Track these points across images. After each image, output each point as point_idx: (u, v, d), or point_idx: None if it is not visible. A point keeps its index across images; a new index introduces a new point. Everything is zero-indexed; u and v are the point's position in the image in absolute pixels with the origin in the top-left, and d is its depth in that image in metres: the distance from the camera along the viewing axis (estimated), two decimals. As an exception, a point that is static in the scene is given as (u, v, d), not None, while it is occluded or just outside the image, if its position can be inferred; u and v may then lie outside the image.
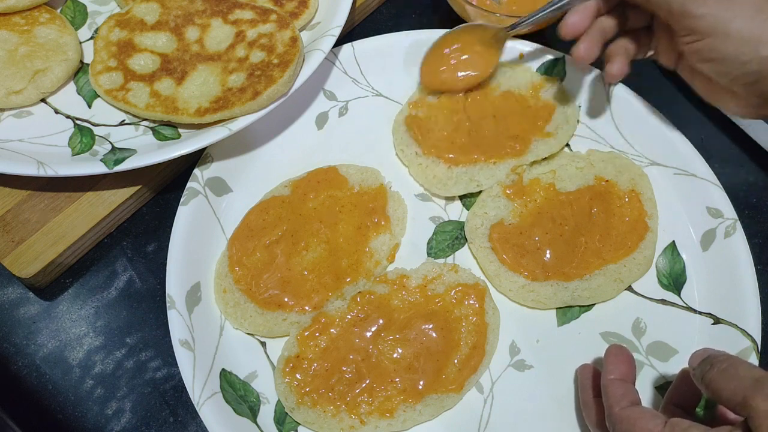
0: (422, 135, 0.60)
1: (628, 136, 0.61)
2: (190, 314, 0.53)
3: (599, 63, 0.64)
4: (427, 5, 0.73)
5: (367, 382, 0.50)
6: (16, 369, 0.54)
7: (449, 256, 0.57)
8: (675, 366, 0.51)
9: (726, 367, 0.38)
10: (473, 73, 0.62)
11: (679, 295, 0.54)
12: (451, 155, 0.59)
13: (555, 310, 0.54)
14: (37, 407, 0.52)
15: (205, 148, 0.59)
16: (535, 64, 0.64)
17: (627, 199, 0.57)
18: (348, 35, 0.70)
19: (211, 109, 0.57)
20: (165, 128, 0.59)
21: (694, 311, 0.54)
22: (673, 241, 0.57)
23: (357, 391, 0.50)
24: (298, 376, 0.50)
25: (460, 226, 0.58)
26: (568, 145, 0.62)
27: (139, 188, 0.59)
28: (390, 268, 0.56)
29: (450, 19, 0.72)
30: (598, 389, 0.47)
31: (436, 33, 0.66)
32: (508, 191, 0.58)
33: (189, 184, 0.58)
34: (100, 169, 0.54)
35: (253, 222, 0.56)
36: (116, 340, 0.55)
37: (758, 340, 0.51)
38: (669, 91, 0.67)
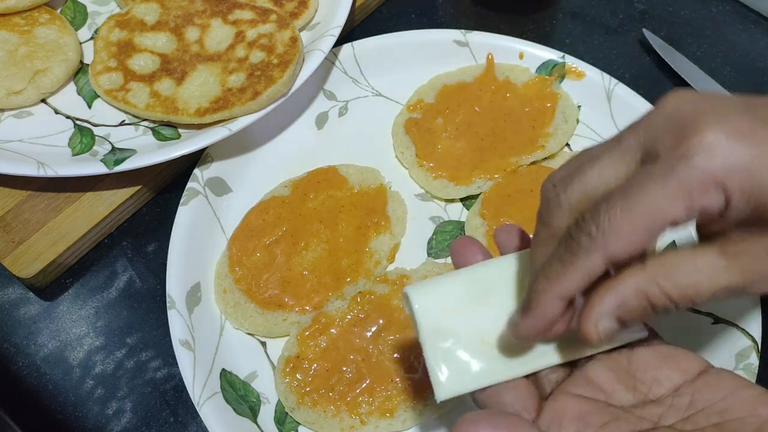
0: (421, 140, 0.60)
1: (628, 135, 0.61)
2: (190, 314, 0.53)
3: (599, 63, 0.65)
4: (427, 5, 0.73)
5: (368, 382, 0.50)
6: (16, 369, 0.54)
7: (449, 256, 0.57)
8: (675, 365, 0.51)
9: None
10: None
11: (679, 294, 0.54)
12: (450, 173, 0.59)
13: (555, 310, 0.54)
14: (38, 407, 0.52)
15: (205, 148, 0.59)
16: (535, 64, 0.64)
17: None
18: (348, 35, 0.70)
19: (211, 109, 0.57)
20: (165, 128, 0.60)
21: (695, 311, 0.54)
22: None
23: (357, 391, 0.50)
24: (298, 376, 0.50)
25: (460, 226, 0.58)
26: (567, 144, 0.62)
27: (139, 188, 0.59)
28: (390, 268, 0.56)
29: (449, 19, 0.72)
30: None
31: (437, 33, 0.66)
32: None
33: (189, 184, 0.58)
34: (100, 169, 0.55)
35: (253, 222, 0.56)
36: (116, 340, 0.55)
37: (758, 339, 0.51)
38: (669, 91, 0.67)
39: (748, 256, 0.31)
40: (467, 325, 0.37)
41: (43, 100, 0.62)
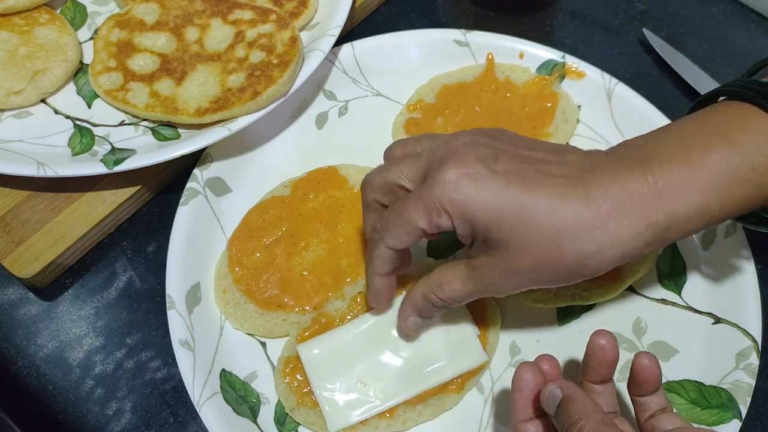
0: None
1: (628, 135, 0.61)
2: (190, 314, 0.53)
3: (599, 63, 0.65)
4: (427, 5, 0.73)
5: (367, 382, 0.50)
6: (16, 369, 0.54)
7: (449, 256, 0.57)
8: (675, 365, 0.51)
9: None
10: None
11: (679, 294, 0.54)
12: None
13: (555, 310, 0.54)
14: (37, 407, 0.52)
15: (204, 148, 0.59)
16: (535, 64, 0.64)
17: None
18: (348, 35, 0.70)
19: (211, 110, 0.57)
20: (165, 128, 0.59)
21: (695, 311, 0.54)
22: (675, 243, 0.57)
23: (357, 391, 0.50)
24: (298, 376, 0.50)
25: (460, 225, 0.58)
26: (567, 144, 0.62)
27: (139, 188, 0.59)
28: (390, 268, 0.56)
29: (449, 19, 0.72)
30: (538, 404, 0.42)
31: (437, 33, 0.66)
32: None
33: (189, 184, 0.58)
34: (100, 169, 0.55)
35: (253, 222, 0.56)
36: (116, 340, 0.55)
37: (759, 339, 0.51)
38: (670, 91, 0.67)
39: (480, 269, 0.43)
40: (347, 370, 0.49)
41: (43, 100, 0.62)
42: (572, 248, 0.40)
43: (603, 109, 0.62)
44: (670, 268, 0.55)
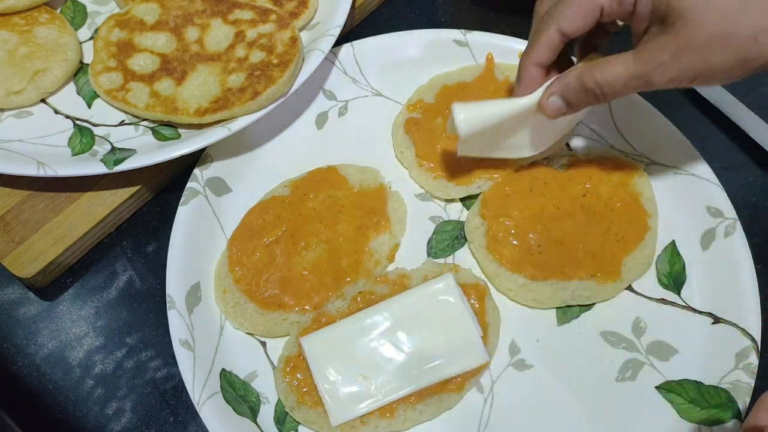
0: (421, 140, 0.60)
1: (627, 135, 0.61)
2: (190, 314, 0.53)
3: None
4: (427, 5, 0.73)
5: (367, 381, 0.50)
6: (16, 369, 0.54)
7: (449, 255, 0.57)
8: (675, 365, 0.51)
9: None
10: None
11: (679, 294, 0.54)
12: (449, 173, 0.59)
13: (555, 310, 0.54)
14: (37, 407, 0.52)
15: (205, 148, 0.59)
16: (535, 64, 0.64)
17: (627, 199, 0.57)
18: (348, 35, 0.70)
19: (211, 109, 0.57)
20: (165, 128, 0.60)
21: (694, 311, 0.54)
22: (673, 241, 0.57)
23: (357, 390, 0.50)
24: (298, 375, 0.50)
25: (460, 225, 0.58)
26: (567, 144, 0.62)
27: (139, 188, 0.59)
28: (390, 268, 0.56)
29: (449, 19, 0.72)
30: None
31: (437, 33, 0.66)
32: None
33: (189, 184, 0.58)
34: (100, 169, 0.55)
35: (253, 222, 0.56)
36: (116, 340, 0.55)
37: (758, 339, 0.51)
38: (669, 91, 0.66)
39: (648, 52, 0.44)
40: (349, 364, 0.50)
41: (43, 100, 0.62)
42: (750, 21, 0.40)
43: (603, 109, 0.62)
44: (670, 268, 0.55)
